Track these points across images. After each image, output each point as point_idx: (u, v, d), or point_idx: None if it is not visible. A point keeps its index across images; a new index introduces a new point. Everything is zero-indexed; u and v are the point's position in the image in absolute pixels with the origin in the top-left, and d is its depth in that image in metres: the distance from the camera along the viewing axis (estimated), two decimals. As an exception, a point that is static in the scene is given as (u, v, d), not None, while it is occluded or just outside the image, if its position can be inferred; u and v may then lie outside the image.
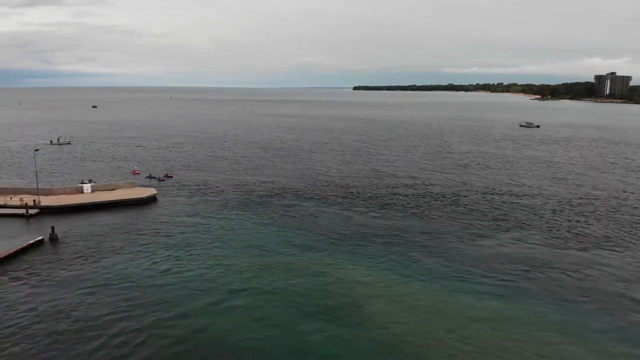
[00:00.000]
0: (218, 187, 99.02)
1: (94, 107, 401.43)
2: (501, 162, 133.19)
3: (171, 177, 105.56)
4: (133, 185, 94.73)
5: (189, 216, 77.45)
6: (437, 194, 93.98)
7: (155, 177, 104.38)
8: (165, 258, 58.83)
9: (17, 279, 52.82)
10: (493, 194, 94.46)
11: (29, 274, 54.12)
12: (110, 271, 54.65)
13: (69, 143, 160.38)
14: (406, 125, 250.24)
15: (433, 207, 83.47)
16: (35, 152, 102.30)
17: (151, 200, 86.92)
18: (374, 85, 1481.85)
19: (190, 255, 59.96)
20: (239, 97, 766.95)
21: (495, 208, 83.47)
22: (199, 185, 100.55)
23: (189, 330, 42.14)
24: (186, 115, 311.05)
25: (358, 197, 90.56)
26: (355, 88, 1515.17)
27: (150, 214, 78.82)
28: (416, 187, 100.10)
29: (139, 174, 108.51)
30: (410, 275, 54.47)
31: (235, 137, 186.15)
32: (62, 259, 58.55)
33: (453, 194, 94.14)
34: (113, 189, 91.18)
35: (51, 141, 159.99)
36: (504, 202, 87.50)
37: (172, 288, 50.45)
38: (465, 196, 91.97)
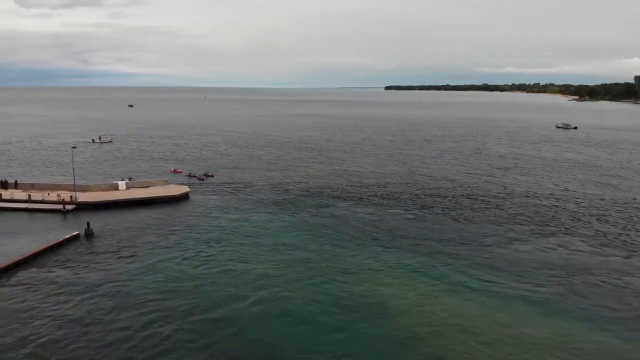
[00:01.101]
0: (250, 186, 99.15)
1: (130, 106, 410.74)
2: (541, 165, 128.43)
3: (212, 176, 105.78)
4: (166, 182, 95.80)
5: (220, 214, 77.64)
6: (474, 197, 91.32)
7: (196, 176, 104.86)
8: (196, 254, 59.02)
9: (53, 272, 53.80)
10: (533, 197, 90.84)
11: (64, 267, 55.08)
12: (142, 266, 55.11)
13: (110, 141, 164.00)
14: (441, 126, 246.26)
15: (468, 210, 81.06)
16: (73, 149, 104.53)
17: (184, 197, 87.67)
18: (406, 85, 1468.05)
19: (221, 252, 59.97)
20: (272, 97, 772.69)
21: (536, 212, 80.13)
22: (231, 183, 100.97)
23: (216, 327, 41.93)
24: (220, 115, 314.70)
25: (391, 198, 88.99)
26: (387, 88, 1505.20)
27: (182, 211, 79.42)
28: (452, 189, 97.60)
29: (180, 172, 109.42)
30: (440, 278, 52.89)
31: (269, 137, 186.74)
32: (96, 254, 59.44)
33: (491, 197, 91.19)
34: (147, 187, 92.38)
35: (93, 140, 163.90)
36: (545, 207, 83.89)
37: (201, 284, 50.48)
38: (503, 200, 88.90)
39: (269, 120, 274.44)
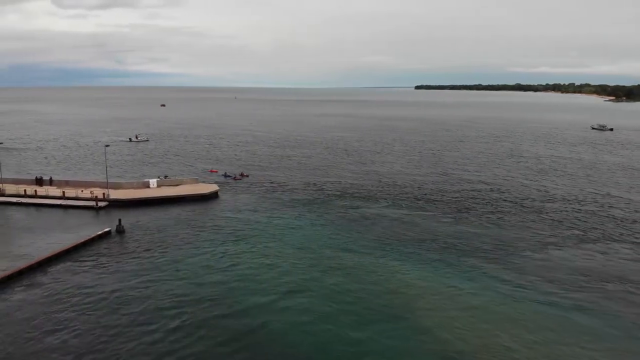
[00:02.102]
0: (280, 185, 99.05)
1: (163, 105, 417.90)
2: (580, 167, 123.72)
3: (247, 176, 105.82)
4: (196, 181, 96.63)
5: (249, 213, 77.70)
6: (509, 200, 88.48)
7: (231, 176, 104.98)
8: (224, 253, 59.10)
9: (84, 267, 54.71)
10: (574, 202, 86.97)
11: (95, 263, 55.92)
12: (171, 264, 55.49)
13: (147, 140, 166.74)
14: (473, 126, 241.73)
15: (503, 214, 78.46)
16: (106, 147, 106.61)
17: (213, 196, 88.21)
18: (437, 84, 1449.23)
19: (247, 251, 59.91)
20: (300, 97, 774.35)
21: (576, 218, 76.60)
22: (260, 183, 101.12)
23: (241, 327, 41.72)
24: (250, 115, 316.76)
25: (422, 200, 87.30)
26: (418, 87, 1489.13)
27: (211, 210, 79.81)
28: (486, 192, 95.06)
29: (216, 172, 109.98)
30: (469, 283, 51.40)
31: (298, 137, 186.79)
32: (126, 250, 60.17)
33: (528, 200, 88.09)
34: (177, 185, 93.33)
35: (130, 139, 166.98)
36: (586, 212, 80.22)
37: (228, 283, 50.43)
38: (541, 204, 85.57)
39: (297, 120, 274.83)
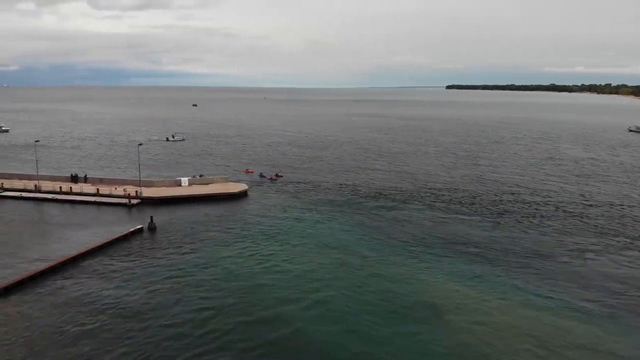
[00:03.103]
0: (310, 185, 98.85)
1: (194, 105, 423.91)
2: (622, 172, 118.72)
3: (282, 176, 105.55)
4: (226, 180, 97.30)
5: (278, 212, 77.73)
6: (547, 204, 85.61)
7: (267, 177, 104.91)
8: (253, 252, 59.15)
9: (117, 263, 55.60)
10: (616, 207, 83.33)
11: (127, 260, 56.75)
12: (201, 262, 55.83)
13: (183, 140, 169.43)
14: (508, 127, 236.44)
15: (541, 219, 76.01)
16: (139, 146, 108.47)
17: (242, 195, 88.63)
18: (469, 84, 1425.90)
19: (276, 251, 59.80)
20: (331, 97, 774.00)
21: (618, 224, 73.50)
22: (290, 183, 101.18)
23: (269, 328, 41.53)
24: (280, 115, 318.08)
25: (457, 203, 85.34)
26: (449, 87, 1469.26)
27: (241, 209, 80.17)
28: (523, 195, 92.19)
29: (252, 172, 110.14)
30: (501, 289, 49.91)
31: (329, 137, 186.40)
32: (158, 248, 60.88)
33: (567, 205, 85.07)
34: (208, 184, 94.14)
35: (167, 138, 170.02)
36: (628, 218, 76.95)
37: (257, 283, 50.33)
38: (582, 209, 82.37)
39: (328, 120, 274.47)
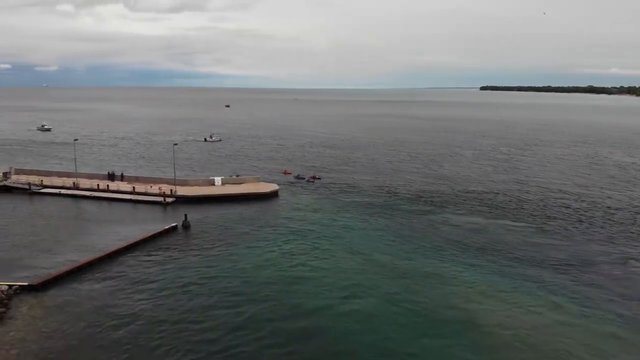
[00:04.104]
0: (342, 187, 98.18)
1: (227, 106, 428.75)
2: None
3: (319, 178, 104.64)
4: (258, 180, 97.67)
5: (309, 213, 77.49)
6: (591, 210, 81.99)
7: (304, 178, 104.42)
8: (285, 252, 58.97)
9: (151, 260, 56.41)
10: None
11: (162, 257, 57.42)
12: (233, 261, 55.96)
13: (220, 140, 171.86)
14: (545, 129, 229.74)
15: (584, 225, 72.92)
16: (174, 146, 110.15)
17: (273, 195, 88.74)
18: (503, 85, 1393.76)
19: (307, 252, 59.42)
20: (362, 98, 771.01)
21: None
22: (324, 184, 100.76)
23: (297, 329, 41.16)
24: (311, 116, 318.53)
25: (494, 208, 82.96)
26: (483, 88, 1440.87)
27: (272, 209, 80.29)
28: (565, 200, 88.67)
29: (290, 173, 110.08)
30: (539, 297, 48.15)
31: (361, 138, 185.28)
32: (191, 246, 61.40)
33: (614, 212, 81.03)
34: (240, 183, 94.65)
35: (205, 138, 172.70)
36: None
37: (287, 284, 50.04)
38: (629, 216, 78.29)
39: (359, 121, 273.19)
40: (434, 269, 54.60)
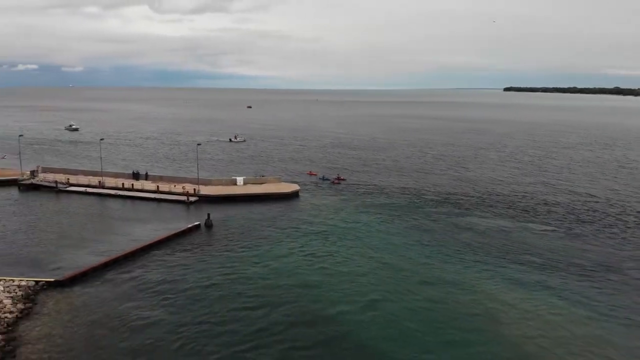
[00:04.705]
0: (364, 188, 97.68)
1: (249, 107, 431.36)
2: None
3: (344, 179, 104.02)
4: (279, 180, 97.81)
5: (330, 214, 77.19)
6: (621, 214, 79.79)
7: (329, 180, 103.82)
8: (304, 253, 58.71)
9: (174, 258, 56.88)
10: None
11: (185, 255, 57.82)
12: (254, 261, 56.05)
13: (244, 141, 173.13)
14: (573, 131, 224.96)
15: (613, 230, 71.05)
16: (198, 146, 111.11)
17: (294, 195, 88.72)
18: (527, 86, 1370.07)
19: (327, 252, 59.12)
20: (384, 99, 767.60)
21: None
22: (346, 185, 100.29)
23: (319, 331, 40.83)
24: (333, 117, 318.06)
25: (522, 211, 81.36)
26: (506, 89, 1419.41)
27: (293, 209, 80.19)
28: (596, 205, 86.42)
29: (315, 175, 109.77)
30: (562, 302, 47.02)
31: (384, 139, 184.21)
32: (214, 244, 61.71)
33: None
34: (261, 183, 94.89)
35: (230, 139, 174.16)
36: None
37: (308, 285, 49.76)
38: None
39: (383, 122, 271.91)
40: (456, 273, 53.68)
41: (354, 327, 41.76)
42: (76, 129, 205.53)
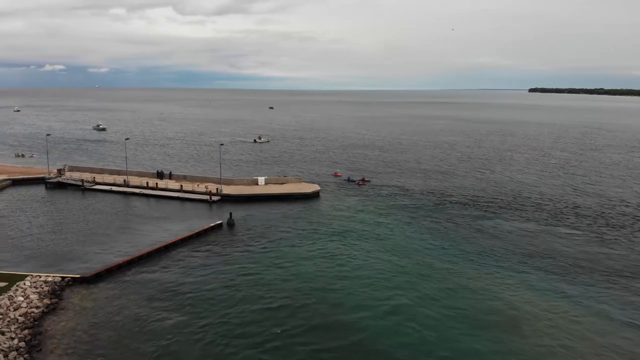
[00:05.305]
0: (384, 189, 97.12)
1: (271, 108, 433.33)
2: None
3: (369, 181, 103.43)
4: (300, 180, 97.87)
5: (351, 214, 76.95)
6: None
7: (354, 181, 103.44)
8: (324, 254, 58.50)
9: (197, 255, 57.49)
10: None
11: (207, 254, 58.30)
12: (274, 261, 56.13)
13: (268, 141, 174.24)
14: (601, 134, 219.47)
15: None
16: (221, 146, 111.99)
17: (315, 195, 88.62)
18: (553, 87, 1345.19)
19: (348, 254, 58.79)
20: (407, 99, 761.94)
21: None
22: (369, 186, 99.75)
23: (338, 333, 40.53)
24: (355, 118, 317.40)
25: (546, 213, 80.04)
26: (532, 90, 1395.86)
27: (314, 209, 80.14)
28: (622, 208, 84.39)
29: (340, 176, 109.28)
30: (586, 307, 45.88)
31: (407, 140, 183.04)
32: (235, 243, 62.04)
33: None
34: (282, 183, 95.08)
35: (255, 140, 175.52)
36: None
37: (330, 285, 49.55)
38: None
39: (405, 123, 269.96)
40: (478, 275, 52.90)
41: (373, 325, 41.51)
42: (104, 129, 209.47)
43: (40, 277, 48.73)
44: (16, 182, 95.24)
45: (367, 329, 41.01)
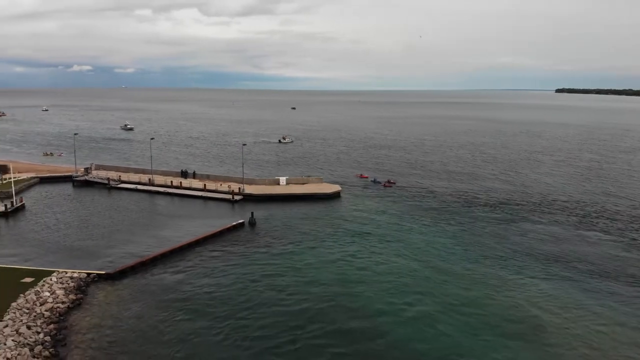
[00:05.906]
0: (407, 191, 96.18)
1: (293, 108, 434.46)
2: None
3: (394, 183, 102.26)
4: (321, 180, 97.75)
5: (372, 215, 76.46)
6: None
7: (380, 182, 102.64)
8: (345, 256, 58.17)
9: (219, 254, 58.05)
10: None
11: (228, 251, 58.76)
12: (295, 261, 56.13)
13: (292, 142, 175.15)
14: (631, 136, 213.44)
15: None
16: (243, 146, 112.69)
17: (336, 196, 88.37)
18: (581, 88, 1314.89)
19: (369, 256, 58.36)
20: (430, 99, 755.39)
21: None
22: (392, 188, 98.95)
23: (359, 337, 40.12)
24: (378, 118, 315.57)
25: (574, 217, 78.27)
26: (558, 90, 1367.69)
27: (335, 209, 79.93)
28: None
29: (366, 177, 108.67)
30: (612, 313, 44.73)
31: (430, 141, 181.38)
32: (257, 242, 62.31)
33: None
34: (304, 183, 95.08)
35: (279, 140, 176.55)
36: None
37: (348, 289, 49.15)
38: None
39: (430, 123, 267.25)
40: (502, 279, 51.96)
41: (392, 327, 41.28)
42: (131, 129, 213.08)
43: (66, 273, 49.66)
44: (44, 180, 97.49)
45: (387, 334, 40.50)
